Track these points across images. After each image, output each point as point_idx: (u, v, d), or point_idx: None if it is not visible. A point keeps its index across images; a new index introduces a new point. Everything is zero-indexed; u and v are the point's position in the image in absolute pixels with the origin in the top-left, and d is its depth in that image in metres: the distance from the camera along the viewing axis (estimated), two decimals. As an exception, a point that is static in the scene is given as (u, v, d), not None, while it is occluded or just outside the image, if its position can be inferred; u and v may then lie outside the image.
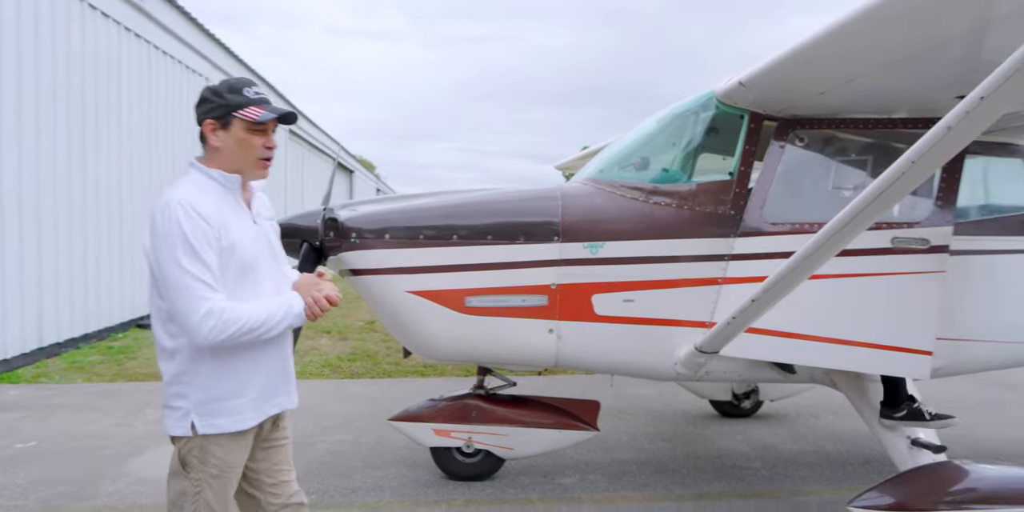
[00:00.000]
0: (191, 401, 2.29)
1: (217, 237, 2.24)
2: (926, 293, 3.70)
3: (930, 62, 2.98)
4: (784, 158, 4.01)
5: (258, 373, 2.37)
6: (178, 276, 2.17)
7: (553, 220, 4.04)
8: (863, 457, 5.07)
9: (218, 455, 2.32)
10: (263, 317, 2.25)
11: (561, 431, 4.52)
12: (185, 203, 2.21)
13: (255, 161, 2.38)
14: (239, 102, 2.31)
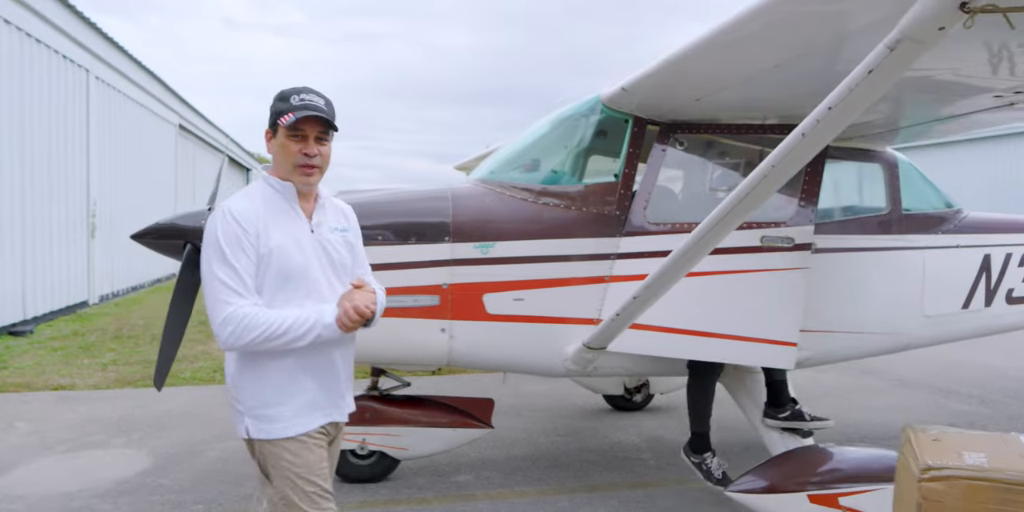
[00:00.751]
0: (244, 405, 2.34)
1: (254, 243, 2.25)
2: (791, 288, 3.95)
3: (793, 72, 3.18)
4: (665, 161, 4.19)
5: (306, 381, 2.35)
6: (209, 281, 2.23)
7: (444, 220, 4.07)
8: (743, 444, 5.35)
9: (288, 458, 2.31)
10: (288, 325, 2.22)
11: (455, 430, 4.56)
12: (226, 209, 2.27)
13: (293, 167, 2.35)
14: (282, 109, 2.32)
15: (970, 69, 3.03)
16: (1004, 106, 3.59)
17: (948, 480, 2.19)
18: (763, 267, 3.95)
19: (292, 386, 2.33)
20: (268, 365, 2.30)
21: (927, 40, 2.19)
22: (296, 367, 2.33)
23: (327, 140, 2.39)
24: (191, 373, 7.92)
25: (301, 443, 2.32)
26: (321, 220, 2.46)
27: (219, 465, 4.95)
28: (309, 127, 2.33)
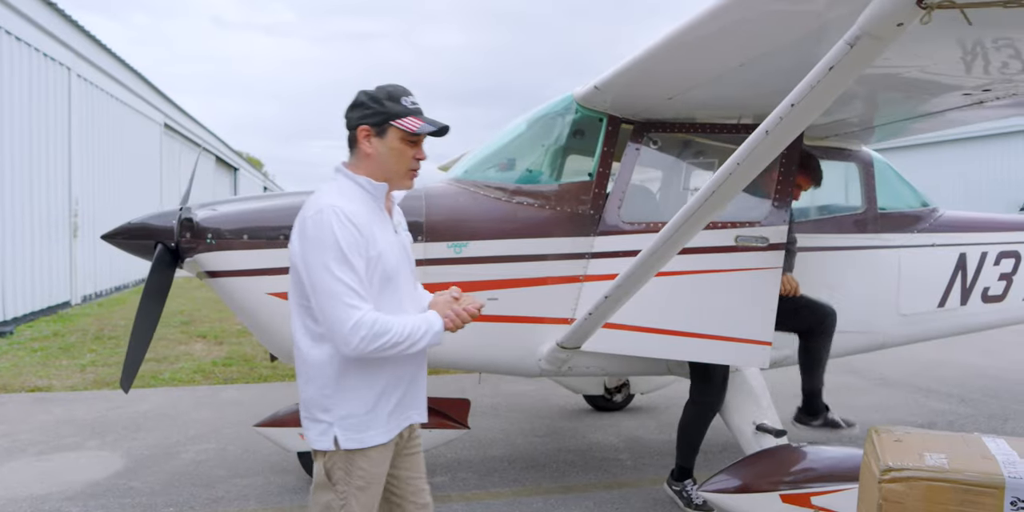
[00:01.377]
0: (334, 415, 2.27)
1: (366, 246, 2.22)
2: (766, 288, 3.93)
3: (759, 71, 3.17)
4: (639, 160, 4.17)
5: (398, 387, 2.35)
6: (331, 283, 2.15)
7: (417, 220, 4.03)
8: (721, 444, 5.34)
9: (364, 467, 2.29)
10: (408, 331, 2.22)
11: (430, 431, 4.51)
12: (338, 210, 2.19)
13: (405, 171, 2.37)
14: (398, 111, 2.29)
15: (938, 66, 3.02)
16: (974, 104, 3.59)
17: (908, 481, 2.17)
18: (737, 267, 3.93)
19: (387, 393, 2.33)
20: (370, 373, 2.29)
21: (886, 36, 2.18)
22: (389, 373, 2.33)
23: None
24: (170, 374, 7.85)
25: (381, 453, 2.34)
26: (399, 221, 2.50)
27: (192, 468, 4.90)
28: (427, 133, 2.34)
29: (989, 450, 2.29)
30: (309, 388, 2.29)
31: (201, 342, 9.83)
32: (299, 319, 2.31)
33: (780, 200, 4.01)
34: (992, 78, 3.14)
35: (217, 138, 28.55)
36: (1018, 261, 5.33)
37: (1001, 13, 2.16)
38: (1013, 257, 5.32)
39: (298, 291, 2.29)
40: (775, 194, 4.02)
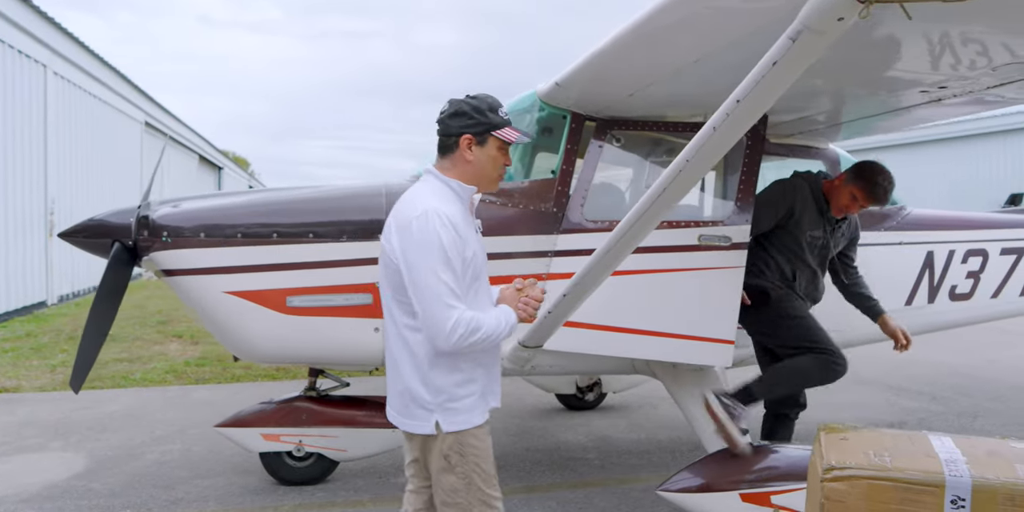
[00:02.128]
0: (435, 402, 2.43)
1: (463, 247, 2.38)
2: (729, 287, 3.91)
3: (714, 68, 3.13)
4: (602, 157, 4.14)
5: (481, 372, 2.52)
6: (434, 284, 2.30)
7: (377, 217, 3.97)
8: (693, 443, 5.30)
9: (474, 444, 2.47)
10: (494, 326, 2.38)
11: (394, 430, 4.43)
12: (442, 213, 2.34)
13: (496, 176, 2.58)
14: (498, 122, 2.49)
15: (893, 63, 3.00)
16: (933, 102, 3.58)
17: (850, 480, 2.15)
18: (701, 266, 3.90)
19: (476, 378, 2.50)
20: (459, 360, 2.44)
21: (827, 31, 2.14)
22: (477, 361, 2.50)
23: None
24: (142, 374, 7.78)
25: (483, 429, 2.51)
26: (478, 222, 2.67)
27: (155, 468, 4.84)
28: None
29: (934, 448, 2.27)
30: (407, 379, 2.47)
31: (176, 342, 9.74)
32: (395, 314, 2.48)
33: (743, 200, 4.00)
34: (947, 75, 3.13)
35: (200, 137, 28.34)
36: (986, 259, 5.34)
37: (942, 8, 2.14)
38: (981, 255, 5.33)
39: (394, 287, 2.45)
40: (738, 194, 4.01)
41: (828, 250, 4.25)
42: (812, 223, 4.14)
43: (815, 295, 4.29)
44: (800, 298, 4.19)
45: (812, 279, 4.24)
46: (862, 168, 4.12)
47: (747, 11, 2.63)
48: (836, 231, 4.24)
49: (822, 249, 4.22)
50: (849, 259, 4.44)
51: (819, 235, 4.17)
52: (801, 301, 4.20)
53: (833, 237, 4.23)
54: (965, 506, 2.03)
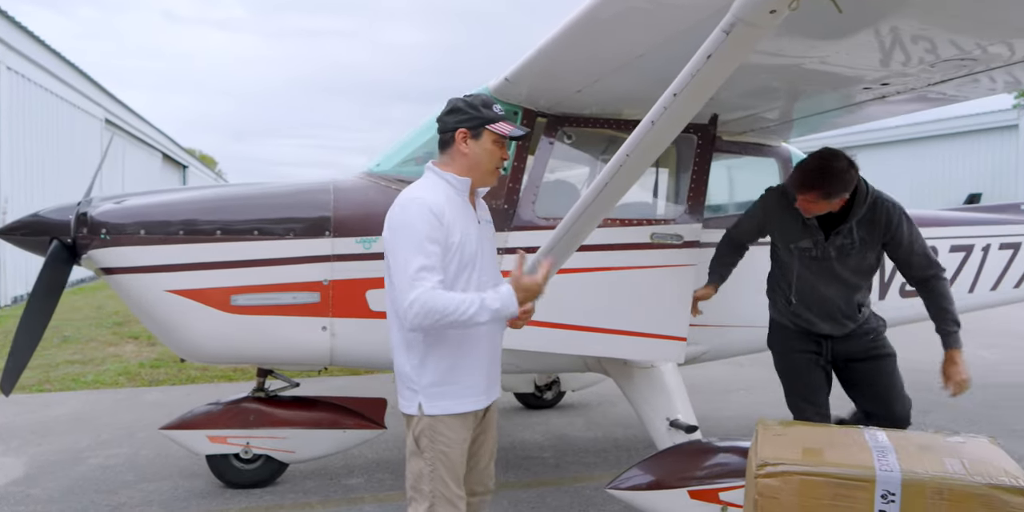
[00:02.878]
0: (420, 384, 2.55)
1: (445, 234, 2.46)
2: (680, 284, 3.94)
3: (659, 63, 3.10)
4: (553, 154, 4.11)
5: (475, 364, 2.61)
6: (403, 265, 2.41)
7: (324, 214, 3.92)
8: (648, 441, 5.28)
9: (445, 433, 2.54)
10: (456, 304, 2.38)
11: (345, 431, 4.42)
12: (418, 200, 2.47)
13: (493, 169, 2.66)
14: (492, 117, 2.60)
15: (834, 58, 3.01)
16: (878, 99, 3.60)
17: (783, 476, 2.13)
18: (653, 263, 3.94)
19: (466, 368, 2.58)
20: (451, 348, 2.55)
21: (760, 23, 2.13)
22: (468, 349, 2.58)
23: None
24: (94, 376, 7.59)
25: (460, 421, 2.58)
26: (482, 214, 2.74)
27: (98, 473, 4.71)
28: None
29: (867, 443, 2.27)
30: (401, 361, 2.60)
31: (132, 343, 9.53)
32: (391, 298, 2.58)
33: (694, 198, 4.03)
34: (888, 71, 3.14)
35: (164, 134, 27.86)
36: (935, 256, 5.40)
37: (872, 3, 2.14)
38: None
39: (388, 274, 2.56)
40: (689, 192, 4.05)
41: (830, 262, 3.62)
42: (794, 234, 3.67)
43: (833, 313, 3.70)
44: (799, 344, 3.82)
45: (822, 298, 3.67)
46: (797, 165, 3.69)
47: (685, 5, 2.61)
48: (836, 239, 3.57)
49: (821, 261, 3.63)
50: (909, 268, 3.64)
51: (808, 246, 3.64)
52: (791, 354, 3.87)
53: (834, 246, 3.58)
54: (895, 500, 2.03)
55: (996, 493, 1.96)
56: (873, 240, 3.55)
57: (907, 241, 3.56)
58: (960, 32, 2.68)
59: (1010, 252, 5.83)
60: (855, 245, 3.56)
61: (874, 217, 3.52)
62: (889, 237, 3.55)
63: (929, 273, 3.60)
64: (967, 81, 3.30)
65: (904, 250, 3.57)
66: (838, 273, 3.63)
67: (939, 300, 3.57)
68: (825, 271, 3.64)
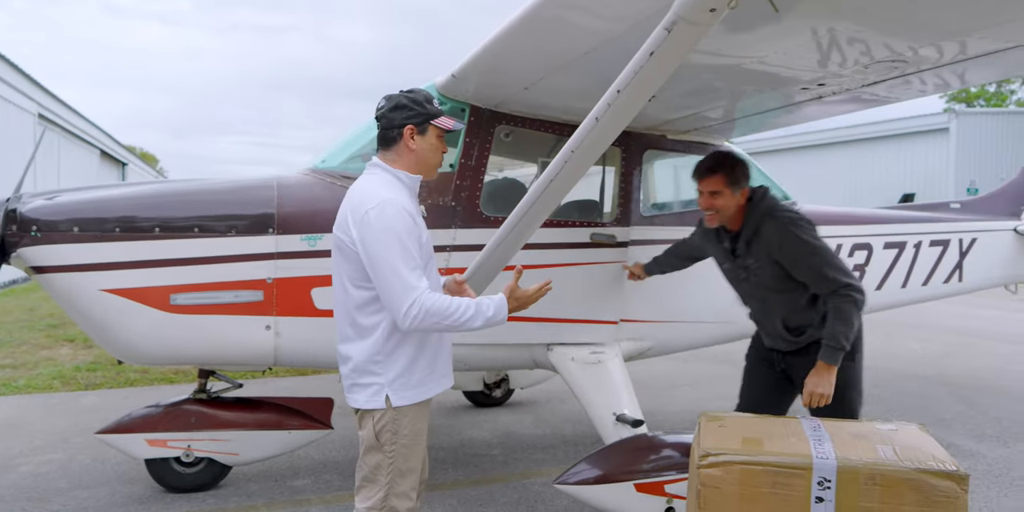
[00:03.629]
0: (385, 377, 2.57)
1: (419, 234, 2.54)
2: (613, 277, 4.33)
3: (604, 60, 3.13)
4: (499, 152, 4.13)
5: (435, 351, 2.67)
6: (393, 269, 2.43)
7: (268, 211, 3.85)
8: (595, 436, 5.33)
9: (408, 425, 2.59)
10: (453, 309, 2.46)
11: (291, 432, 4.34)
12: (395, 203, 2.49)
13: (438, 163, 2.72)
14: (435, 112, 2.64)
15: (772, 58, 3.08)
16: (814, 99, 3.71)
17: (725, 466, 2.18)
18: (592, 260, 4.24)
19: (426, 358, 2.64)
20: (411, 340, 2.59)
21: (700, 22, 2.18)
22: (426, 342, 2.64)
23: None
24: (26, 381, 7.29)
25: (421, 410, 2.64)
26: (423, 208, 2.83)
27: (30, 480, 4.53)
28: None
29: (804, 432, 2.34)
30: (360, 355, 2.59)
31: (68, 346, 9.19)
32: (351, 296, 2.60)
33: (628, 200, 4.32)
34: (824, 72, 3.24)
35: (101, 130, 26.95)
36: (870, 253, 5.60)
37: (809, 3, 2.20)
38: (866, 249, 5.58)
39: (351, 273, 2.57)
40: (620, 195, 4.34)
41: (749, 282, 3.53)
42: (718, 256, 3.67)
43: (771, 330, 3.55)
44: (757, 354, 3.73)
45: (767, 310, 3.53)
46: None
47: (628, 3, 2.64)
48: (740, 260, 3.47)
49: (743, 282, 3.56)
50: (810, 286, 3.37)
51: (729, 268, 3.61)
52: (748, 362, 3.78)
53: (743, 267, 3.48)
54: (831, 487, 2.09)
55: (925, 477, 2.04)
56: (766, 257, 3.36)
57: (793, 260, 3.29)
58: (892, 34, 2.77)
59: (940, 249, 6.07)
60: (758, 264, 3.40)
61: (759, 238, 3.36)
62: (779, 256, 3.32)
63: (825, 291, 3.30)
64: (899, 82, 3.43)
65: (798, 271, 3.32)
66: (760, 293, 3.52)
67: (831, 317, 3.26)
68: (751, 290, 3.57)
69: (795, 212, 3.42)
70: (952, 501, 2.02)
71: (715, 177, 3.38)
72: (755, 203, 3.41)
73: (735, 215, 3.43)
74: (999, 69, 3.39)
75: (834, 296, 3.26)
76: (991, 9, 2.50)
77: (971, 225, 6.40)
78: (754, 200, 3.42)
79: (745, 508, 2.15)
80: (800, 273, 3.32)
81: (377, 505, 2.58)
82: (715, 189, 3.38)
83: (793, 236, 3.29)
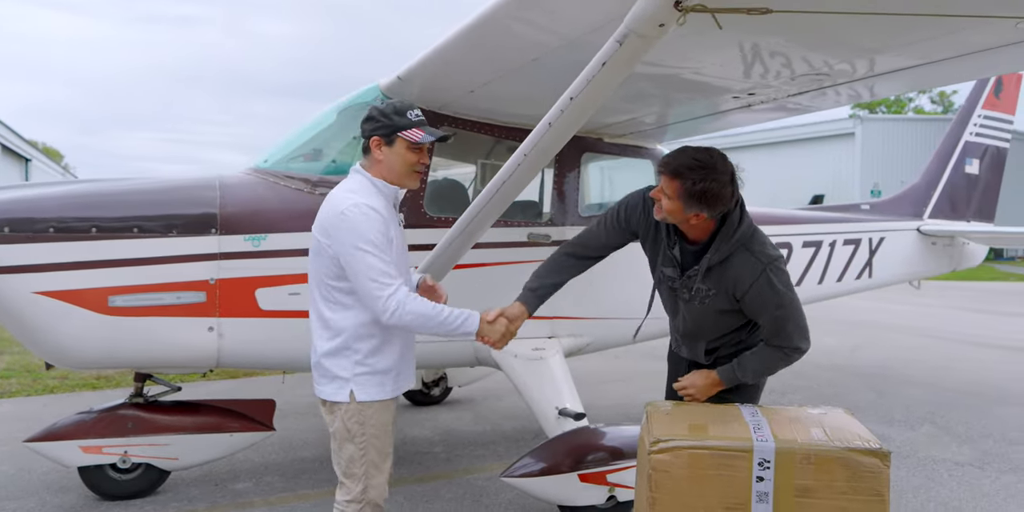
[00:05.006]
0: (351, 373, 2.67)
1: (390, 235, 2.63)
2: None
3: (552, 66, 3.26)
4: (444, 154, 4.21)
5: (400, 352, 2.77)
6: (366, 267, 2.54)
7: (210, 211, 3.81)
8: (535, 431, 5.49)
9: (374, 417, 2.70)
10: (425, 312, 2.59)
11: (232, 434, 4.29)
12: (365, 205, 2.59)
13: (410, 172, 2.76)
14: (403, 124, 2.68)
15: (708, 69, 3.28)
16: (744, 107, 3.94)
17: (673, 451, 2.33)
18: (528, 259, 4.26)
19: (391, 357, 2.73)
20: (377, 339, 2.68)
21: (650, 35, 2.33)
22: (391, 341, 2.73)
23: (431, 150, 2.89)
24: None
25: (386, 406, 2.74)
26: (402, 217, 2.90)
27: (-50, 492, 4.32)
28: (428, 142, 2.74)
29: (744, 418, 2.51)
30: (326, 350, 2.69)
31: (-25, 353, 8.72)
32: (323, 294, 2.69)
33: (563, 200, 4.46)
34: (754, 83, 3.46)
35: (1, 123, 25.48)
36: (790, 252, 5.94)
37: (747, 21, 2.38)
38: (786, 248, 5.92)
39: (324, 272, 2.66)
40: (557, 195, 4.47)
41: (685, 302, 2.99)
42: (659, 257, 3.02)
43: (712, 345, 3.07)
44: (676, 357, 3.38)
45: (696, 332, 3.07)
46: None
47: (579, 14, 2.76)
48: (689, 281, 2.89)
49: (681, 299, 3.00)
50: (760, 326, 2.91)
51: (672, 276, 2.97)
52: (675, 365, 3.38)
53: (687, 287, 2.90)
54: (770, 467, 2.27)
55: (853, 455, 2.25)
56: (723, 293, 2.82)
57: (756, 307, 2.80)
58: (814, 51, 3.01)
59: (852, 247, 6.50)
60: (708, 294, 2.86)
61: (725, 270, 2.79)
62: (741, 296, 2.80)
63: (773, 342, 2.87)
64: (818, 94, 3.70)
65: (757, 316, 2.86)
66: (696, 316, 2.99)
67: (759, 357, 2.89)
68: (687, 310, 3.02)
69: (776, 251, 2.84)
70: (876, 475, 2.23)
71: (673, 183, 2.70)
72: (730, 228, 2.78)
73: (699, 229, 2.81)
74: (906, 83, 3.71)
75: (775, 348, 2.86)
76: (898, 32, 2.75)
77: (879, 225, 6.88)
78: (729, 224, 2.78)
79: (693, 489, 2.30)
80: (758, 318, 2.86)
81: (357, 498, 2.69)
82: (667, 194, 2.72)
83: (767, 283, 2.74)
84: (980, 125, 8.12)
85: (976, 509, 4.22)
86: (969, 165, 8.07)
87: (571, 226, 4.57)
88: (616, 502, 3.83)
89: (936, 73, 3.34)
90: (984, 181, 8.16)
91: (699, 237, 2.84)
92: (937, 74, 3.38)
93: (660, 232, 2.96)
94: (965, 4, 2.44)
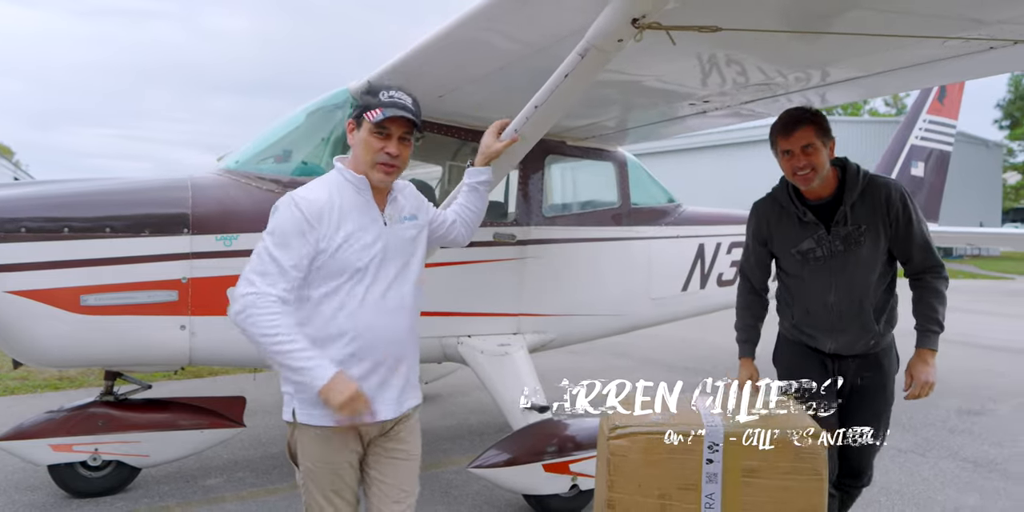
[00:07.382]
0: (294, 388, 2.32)
1: (316, 235, 2.26)
2: (512, 273, 4.67)
3: (519, 74, 3.41)
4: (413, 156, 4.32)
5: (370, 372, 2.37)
6: (255, 256, 2.28)
7: (182, 211, 3.88)
8: (499, 425, 5.63)
9: (309, 446, 2.36)
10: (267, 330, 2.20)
11: (203, 431, 4.36)
12: (297, 196, 2.30)
13: (373, 164, 2.35)
14: (370, 103, 2.33)
15: (669, 77, 3.47)
16: (700, 113, 4.14)
17: (631, 437, 2.50)
18: (494, 258, 4.54)
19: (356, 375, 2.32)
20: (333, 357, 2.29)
21: (610, 49, 2.49)
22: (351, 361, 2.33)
23: (410, 140, 2.42)
24: None
25: (324, 437, 2.34)
26: (392, 213, 2.46)
27: (-85, 492, 4.31)
28: (395, 126, 2.34)
29: (696, 405, 2.70)
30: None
31: (-70, 354, 8.56)
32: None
33: (525, 203, 4.65)
34: (710, 91, 3.66)
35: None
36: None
37: (699, 37, 2.56)
38: (743, 247, 6.15)
39: None
40: (521, 197, 4.66)
41: (839, 258, 2.99)
42: (792, 237, 3.08)
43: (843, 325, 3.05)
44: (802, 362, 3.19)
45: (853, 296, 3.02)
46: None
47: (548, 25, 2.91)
48: (839, 228, 2.98)
49: (829, 260, 3.00)
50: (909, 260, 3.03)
51: (811, 247, 3.03)
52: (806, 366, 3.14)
53: (840, 237, 2.97)
54: (719, 450, 2.46)
55: (794, 438, 2.45)
56: (876, 222, 2.94)
57: (905, 225, 2.94)
58: (765, 63, 3.21)
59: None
60: (861, 232, 2.94)
61: (872, 196, 2.94)
62: (892, 217, 2.93)
63: (927, 265, 3.02)
64: (771, 101, 3.91)
65: (902, 236, 2.96)
66: (850, 273, 2.99)
67: (929, 297, 3.03)
68: (835, 272, 3.01)
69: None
70: (816, 456, 2.43)
71: (806, 129, 2.85)
72: (853, 168, 3.00)
73: (828, 180, 2.95)
74: (856, 92, 3.94)
75: (931, 274, 3.02)
76: (841, 48, 2.97)
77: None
78: (850, 167, 3.01)
79: (649, 472, 2.47)
80: (905, 243, 2.97)
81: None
82: (808, 142, 2.84)
83: (908, 201, 2.95)
84: (925, 130, 8.50)
85: (916, 493, 4.48)
86: (915, 167, 8.44)
87: (535, 226, 4.73)
88: (579, 491, 4.01)
89: (883, 83, 3.58)
90: (929, 183, 8.55)
91: (824, 192, 3.00)
92: (884, 84, 3.63)
93: (785, 211, 3.11)
94: (895, 26, 2.66)
